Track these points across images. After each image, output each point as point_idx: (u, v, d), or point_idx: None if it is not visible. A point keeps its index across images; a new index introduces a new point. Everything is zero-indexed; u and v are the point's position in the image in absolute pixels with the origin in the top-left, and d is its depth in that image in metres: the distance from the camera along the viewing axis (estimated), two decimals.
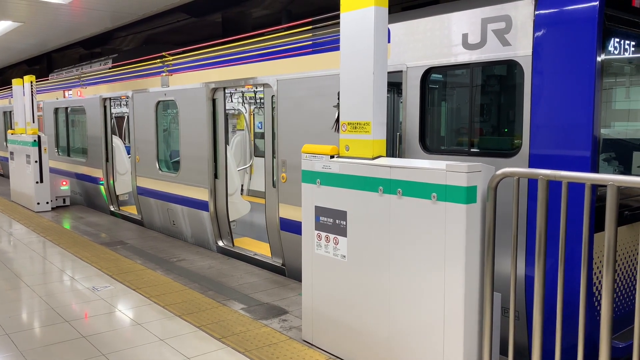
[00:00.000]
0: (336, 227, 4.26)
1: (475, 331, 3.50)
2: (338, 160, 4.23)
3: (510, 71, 4.48)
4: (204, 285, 6.23)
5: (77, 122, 12.67)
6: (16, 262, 7.26)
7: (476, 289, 3.49)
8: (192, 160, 8.12)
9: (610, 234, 2.84)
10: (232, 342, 4.61)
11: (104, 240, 8.60)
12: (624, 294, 4.44)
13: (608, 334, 2.88)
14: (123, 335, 4.85)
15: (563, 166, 3.83)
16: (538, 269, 3.18)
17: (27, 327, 5.07)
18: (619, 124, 5.08)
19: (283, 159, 6.36)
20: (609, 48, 4.05)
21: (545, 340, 3.28)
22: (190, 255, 7.65)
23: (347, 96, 4.21)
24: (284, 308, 5.49)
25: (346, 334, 4.25)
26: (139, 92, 9.50)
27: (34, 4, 10.14)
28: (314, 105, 5.92)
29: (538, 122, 4.01)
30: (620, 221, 4.11)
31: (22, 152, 11.61)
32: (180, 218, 8.63)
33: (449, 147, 5.04)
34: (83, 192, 12.20)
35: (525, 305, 4.17)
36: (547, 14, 3.96)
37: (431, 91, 4.93)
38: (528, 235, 4.07)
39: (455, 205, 3.40)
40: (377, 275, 3.95)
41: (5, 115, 17.60)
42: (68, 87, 12.37)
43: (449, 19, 4.55)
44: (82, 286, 6.20)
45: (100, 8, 10.49)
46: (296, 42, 6.19)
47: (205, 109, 7.66)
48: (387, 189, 3.82)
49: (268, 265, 6.94)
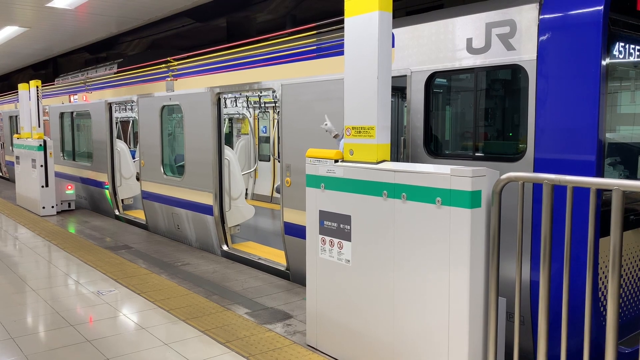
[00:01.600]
0: (340, 231, 4.25)
1: (480, 336, 3.49)
2: (342, 165, 4.23)
3: (515, 75, 4.48)
4: (209, 289, 6.23)
5: (83, 127, 12.73)
6: (21, 266, 7.29)
7: (481, 294, 3.48)
8: (196, 164, 8.14)
9: (615, 238, 2.83)
10: (237, 347, 4.61)
11: (108, 244, 8.62)
12: (630, 299, 4.41)
13: (614, 339, 2.87)
14: (127, 339, 4.85)
15: (568, 170, 3.82)
16: (543, 274, 3.17)
17: (32, 331, 5.08)
18: (624, 128, 5.06)
19: (287, 163, 6.37)
20: (613, 52, 4.04)
21: (551, 345, 3.27)
22: (194, 259, 7.66)
23: (351, 100, 4.22)
24: (288, 312, 5.49)
25: (350, 338, 4.24)
26: (144, 96, 9.54)
27: (40, 9, 10.21)
28: (318, 110, 5.92)
29: (543, 126, 4.00)
30: (626, 226, 4.10)
31: (27, 156, 11.66)
32: (184, 222, 8.64)
33: (453, 151, 5.03)
34: (88, 196, 12.24)
35: (530, 310, 4.15)
36: (552, 18, 3.96)
37: (435, 95, 4.93)
38: (533, 239, 4.06)
39: (460, 209, 3.39)
40: (381, 279, 3.94)
41: (11, 119, 17.69)
42: (73, 91, 12.43)
43: (453, 24, 4.55)
44: (86, 290, 6.21)
45: (106, 13, 10.55)
46: (300, 46, 6.21)
47: (210, 114, 7.68)
48: (391, 194, 3.82)
49: (272, 269, 6.94)
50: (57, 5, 9.83)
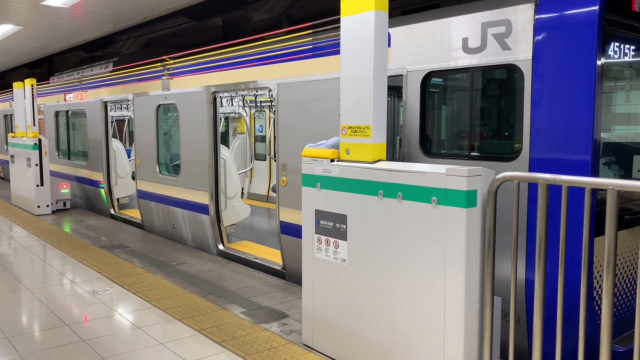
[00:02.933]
0: (336, 230, 4.26)
1: (475, 335, 3.50)
2: (338, 164, 4.23)
3: (511, 75, 4.49)
4: (204, 288, 6.23)
5: (78, 126, 12.69)
6: (16, 265, 7.26)
7: (476, 293, 3.48)
8: (192, 163, 8.13)
9: (610, 238, 2.84)
10: (232, 346, 4.60)
11: (104, 243, 8.60)
12: (624, 298, 4.43)
13: (609, 338, 2.88)
14: (123, 338, 4.84)
15: (563, 170, 3.83)
16: (538, 273, 3.18)
17: (27, 330, 5.06)
18: (619, 127, 5.08)
19: (283, 163, 6.37)
20: (609, 52, 4.06)
21: (546, 344, 3.28)
22: (190, 258, 7.65)
23: (347, 100, 4.22)
24: (284, 312, 5.49)
25: (346, 337, 4.24)
26: (139, 95, 9.52)
27: (35, 7, 10.18)
28: (315, 109, 5.93)
29: (538, 126, 4.02)
30: (621, 225, 4.11)
31: (22, 155, 11.62)
32: (180, 221, 8.63)
33: (449, 150, 5.04)
34: (83, 195, 12.20)
35: (526, 309, 4.16)
36: (547, 18, 3.97)
37: (431, 95, 4.94)
38: (528, 239, 4.07)
39: (456, 209, 3.40)
40: (377, 279, 3.95)
41: (6, 118, 17.62)
42: (69, 90, 12.39)
43: (449, 23, 4.56)
44: (82, 290, 6.20)
45: (102, 12, 10.53)
46: (297, 46, 6.20)
47: (206, 113, 7.67)
48: (387, 193, 3.83)
49: (268, 268, 6.93)
50: (52, 4, 9.79)
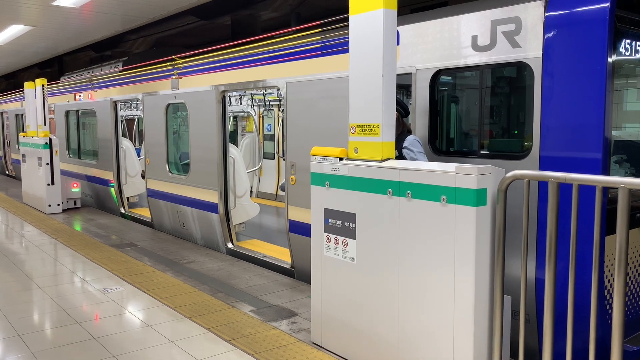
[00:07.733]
0: (345, 229, 4.26)
1: (485, 334, 3.49)
2: (347, 163, 4.23)
3: (520, 73, 4.46)
4: (214, 287, 6.25)
5: (88, 125, 12.77)
6: (28, 263, 7.32)
7: (486, 292, 3.47)
8: (201, 162, 8.16)
9: (621, 236, 2.82)
10: (242, 344, 4.62)
11: (114, 242, 8.65)
12: (635, 297, 4.40)
13: (620, 338, 2.86)
14: (133, 336, 4.88)
15: (574, 168, 3.80)
16: (549, 272, 3.17)
17: (38, 328, 5.11)
18: (631, 125, 5.04)
19: (292, 161, 6.37)
20: (619, 49, 4.02)
21: (556, 344, 3.26)
22: (199, 257, 7.68)
23: (356, 98, 4.21)
24: (293, 310, 5.50)
25: (355, 336, 4.24)
26: (149, 94, 9.56)
27: (45, 8, 10.24)
28: (323, 108, 5.92)
29: (548, 124, 3.99)
30: (632, 224, 4.08)
31: (33, 154, 11.71)
32: (190, 220, 8.66)
33: (458, 149, 5.02)
34: (94, 194, 12.28)
35: (536, 308, 4.14)
36: (558, 15, 3.94)
37: (441, 93, 4.92)
38: (538, 237, 4.05)
39: (465, 207, 3.38)
40: (386, 277, 3.94)
41: (17, 118, 17.77)
42: (79, 90, 12.47)
43: (458, 21, 4.54)
44: (92, 288, 6.24)
45: (111, 11, 10.57)
46: (305, 44, 6.20)
47: (215, 112, 7.70)
48: (396, 192, 3.82)
49: (277, 267, 6.95)
50: (62, 4, 9.85)
